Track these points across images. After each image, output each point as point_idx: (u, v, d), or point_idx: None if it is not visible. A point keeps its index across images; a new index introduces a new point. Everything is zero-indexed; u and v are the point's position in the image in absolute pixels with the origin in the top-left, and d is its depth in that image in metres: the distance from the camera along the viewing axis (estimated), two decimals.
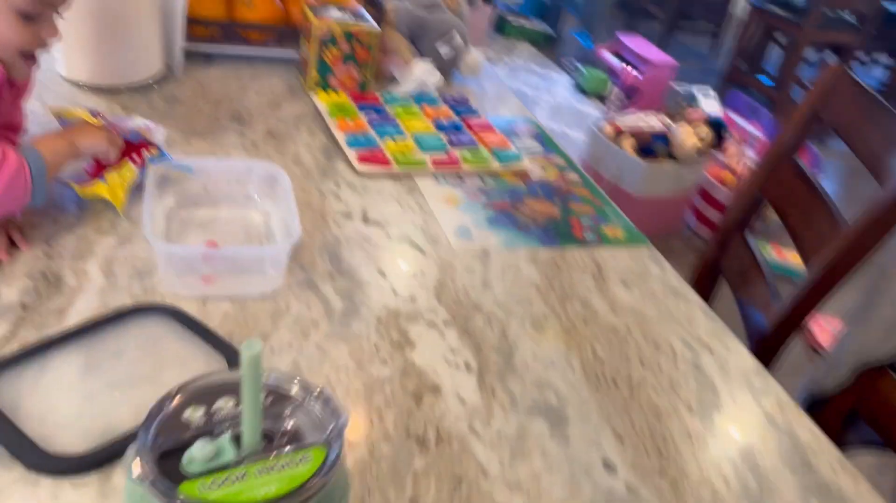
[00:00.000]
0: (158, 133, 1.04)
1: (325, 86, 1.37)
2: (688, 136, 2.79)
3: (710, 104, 3.24)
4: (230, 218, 0.99)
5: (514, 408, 0.80)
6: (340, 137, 1.23)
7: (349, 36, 1.34)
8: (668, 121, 2.92)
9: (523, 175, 1.24)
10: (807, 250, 1.16)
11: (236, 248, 0.89)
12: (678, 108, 3.11)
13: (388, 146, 1.22)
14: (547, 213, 1.15)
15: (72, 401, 0.70)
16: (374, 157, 1.18)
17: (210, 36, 1.43)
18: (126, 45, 1.25)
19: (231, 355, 0.77)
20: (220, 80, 1.38)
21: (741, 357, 0.93)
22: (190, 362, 0.77)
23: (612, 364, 0.88)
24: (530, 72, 4.25)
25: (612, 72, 3.86)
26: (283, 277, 0.91)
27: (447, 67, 1.54)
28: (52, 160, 0.87)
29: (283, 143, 1.20)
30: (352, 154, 1.18)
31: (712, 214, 2.95)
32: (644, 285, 1.03)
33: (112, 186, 0.94)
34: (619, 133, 2.85)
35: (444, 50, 1.51)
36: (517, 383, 0.83)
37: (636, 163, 2.78)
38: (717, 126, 2.87)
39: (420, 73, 1.43)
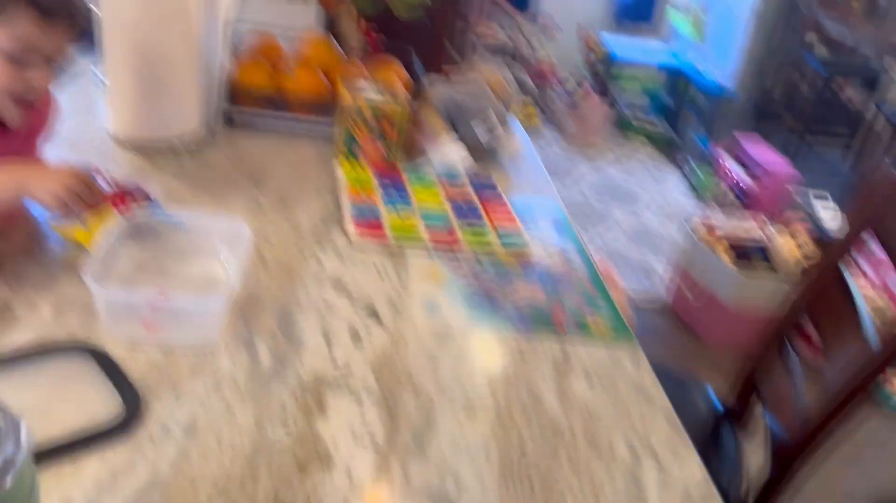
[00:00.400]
0: (151, 187, 1.09)
1: (352, 158, 1.41)
2: (788, 247, 2.62)
3: (828, 215, 3.04)
4: (195, 270, 1.01)
5: (404, 493, 0.75)
6: (347, 207, 1.24)
7: (377, 113, 1.37)
8: (771, 229, 2.76)
9: (524, 259, 1.20)
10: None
11: (176, 297, 0.90)
12: (791, 216, 2.93)
13: (391, 220, 1.22)
14: (532, 297, 1.10)
15: None
16: (372, 228, 1.18)
17: (255, 104, 1.51)
18: (165, 106, 1.34)
19: (134, 402, 0.78)
20: (256, 145, 1.45)
21: (689, 470, 0.83)
22: (88, 403, 0.78)
23: (535, 460, 0.81)
24: (644, 170, 4.17)
25: (726, 174, 3.72)
26: (220, 331, 0.91)
27: (484, 149, 1.54)
28: None
29: (289, 208, 1.24)
30: (351, 223, 1.19)
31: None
32: (609, 382, 0.95)
33: (89, 229, 0.99)
34: (714, 237, 2.72)
35: (480, 131, 1.52)
36: (420, 467, 0.78)
37: (729, 271, 2.62)
38: (823, 237, 2.67)
39: (448, 152, 1.43)
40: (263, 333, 0.93)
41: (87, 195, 0.95)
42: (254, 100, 1.50)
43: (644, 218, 3.58)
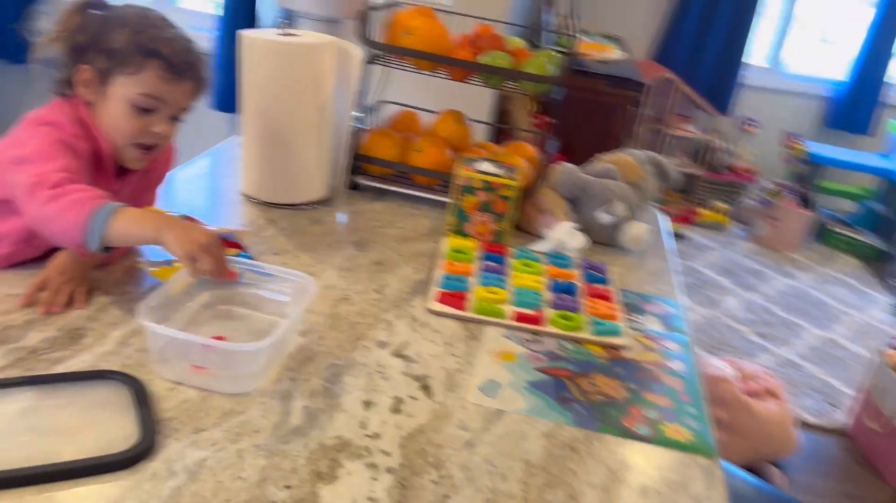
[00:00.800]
0: (252, 239, 1.13)
1: (461, 231, 1.39)
2: None
3: None
4: (258, 320, 1.02)
5: None
6: (437, 277, 1.22)
7: (488, 186, 1.35)
8: None
9: (613, 350, 1.11)
10: None
11: (222, 343, 0.91)
12: None
13: (478, 293, 1.18)
14: (610, 393, 1.00)
15: None
16: (453, 299, 1.15)
17: (381, 174, 1.55)
18: (291, 170, 1.41)
19: (148, 438, 0.78)
20: (374, 211, 1.47)
21: None
22: (109, 432, 0.79)
23: None
24: (842, 283, 3.78)
25: None
26: (263, 381, 0.91)
27: (605, 235, 1.46)
28: (124, 226, 0.91)
29: (382, 273, 1.23)
30: (434, 292, 1.17)
31: None
32: (668, 498, 0.83)
33: (177, 271, 1.03)
34: None
35: (603, 217, 1.44)
36: None
37: None
38: None
39: (561, 233, 1.37)
40: (306, 390, 0.91)
41: (215, 258, 0.94)
42: (380, 168, 1.54)
43: (834, 335, 3.22)
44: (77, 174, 0.97)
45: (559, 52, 1.51)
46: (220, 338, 0.96)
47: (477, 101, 2.09)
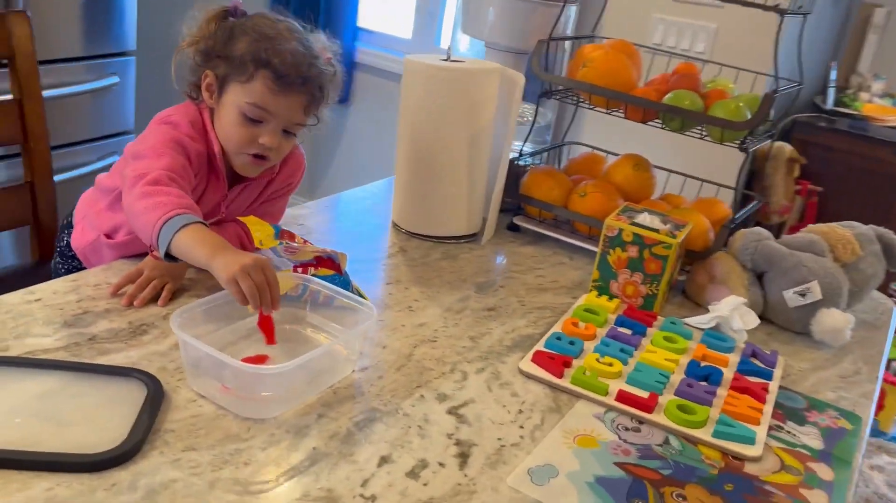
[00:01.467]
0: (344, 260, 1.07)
1: (604, 289, 1.20)
2: None
3: None
4: (310, 345, 0.95)
5: None
6: (547, 334, 1.06)
7: (640, 241, 1.15)
8: None
9: (735, 460, 0.86)
10: None
11: (238, 363, 0.84)
12: None
13: (585, 360, 0.99)
14: None
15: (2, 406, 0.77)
16: (550, 362, 0.98)
17: (538, 216, 1.41)
18: (441, 204, 1.33)
19: (131, 445, 0.74)
20: (520, 256, 1.34)
21: None
22: (102, 430, 0.76)
23: None
24: None
25: None
26: (284, 409, 0.83)
27: (794, 320, 1.18)
28: (186, 242, 0.89)
29: (488, 320, 1.10)
30: (532, 351, 1.01)
31: None
32: None
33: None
34: None
35: (793, 299, 1.17)
36: None
37: None
38: None
39: (728, 309, 1.13)
40: (327, 430, 0.81)
41: (257, 283, 0.87)
42: (537, 211, 1.40)
43: None
44: (182, 174, 0.98)
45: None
46: (260, 359, 0.90)
47: (723, 158, 1.83)
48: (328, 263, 1.06)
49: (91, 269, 1.07)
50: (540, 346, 1.03)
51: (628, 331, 1.10)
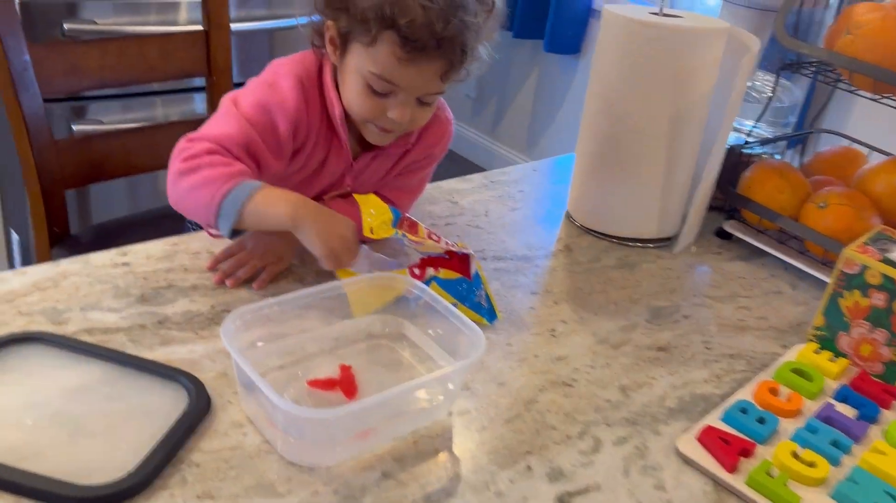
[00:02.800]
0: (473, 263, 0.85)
1: (828, 343, 0.88)
2: None
3: None
4: (417, 373, 0.75)
5: None
6: (730, 401, 0.77)
7: (892, 287, 0.82)
8: None
9: None
10: None
11: (282, 401, 0.66)
12: None
13: (776, 450, 0.70)
14: None
15: (25, 398, 0.66)
16: (724, 446, 0.70)
17: (758, 224, 1.09)
18: (621, 191, 1.06)
19: (134, 482, 0.59)
20: (725, 274, 1.04)
21: None
22: (116, 449, 0.62)
23: None
24: None
25: None
26: (342, 458, 0.64)
27: None
28: (259, 207, 0.77)
29: (656, 364, 0.83)
30: (701, 423, 0.73)
31: None
32: None
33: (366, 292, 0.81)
34: None
35: None
36: None
37: None
38: None
39: None
40: (390, 497, 0.62)
41: (345, 259, 0.79)
42: (759, 220, 1.08)
43: None
44: (247, 145, 0.82)
45: None
46: (331, 383, 0.72)
47: None
48: (455, 263, 0.85)
49: (196, 233, 0.95)
50: (715, 418, 0.75)
51: (851, 413, 0.78)
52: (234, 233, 0.79)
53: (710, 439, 0.71)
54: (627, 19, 1.00)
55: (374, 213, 0.82)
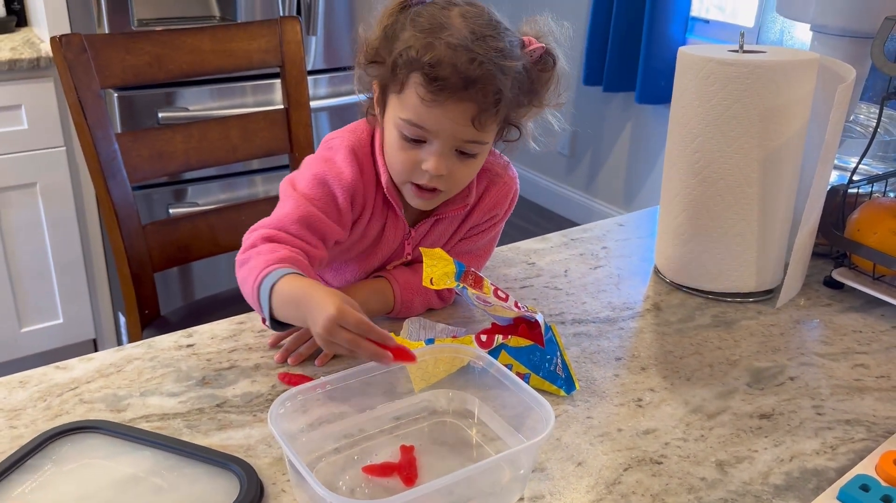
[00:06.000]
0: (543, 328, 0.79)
1: None
2: None
3: None
4: (483, 453, 0.69)
5: None
6: (847, 474, 0.67)
7: None
8: None
9: None
10: None
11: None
12: None
13: None
14: None
15: (77, 489, 0.64)
16: None
17: (872, 272, 0.97)
18: (711, 242, 0.98)
19: None
20: (836, 328, 0.93)
21: None
22: None
23: None
24: None
25: None
26: None
27: None
28: (280, 300, 0.74)
29: (761, 434, 0.74)
30: None
31: None
32: None
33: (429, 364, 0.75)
34: None
35: None
36: None
37: None
38: None
39: None
40: None
41: (359, 347, 0.69)
42: (871, 264, 0.97)
43: None
44: (308, 222, 0.81)
45: None
46: (388, 468, 0.66)
47: None
48: (524, 331, 0.79)
49: None
50: (830, 497, 0.65)
51: None
52: (277, 323, 0.76)
53: None
54: (704, 59, 0.93)
55: (435, 264, 0.77)
